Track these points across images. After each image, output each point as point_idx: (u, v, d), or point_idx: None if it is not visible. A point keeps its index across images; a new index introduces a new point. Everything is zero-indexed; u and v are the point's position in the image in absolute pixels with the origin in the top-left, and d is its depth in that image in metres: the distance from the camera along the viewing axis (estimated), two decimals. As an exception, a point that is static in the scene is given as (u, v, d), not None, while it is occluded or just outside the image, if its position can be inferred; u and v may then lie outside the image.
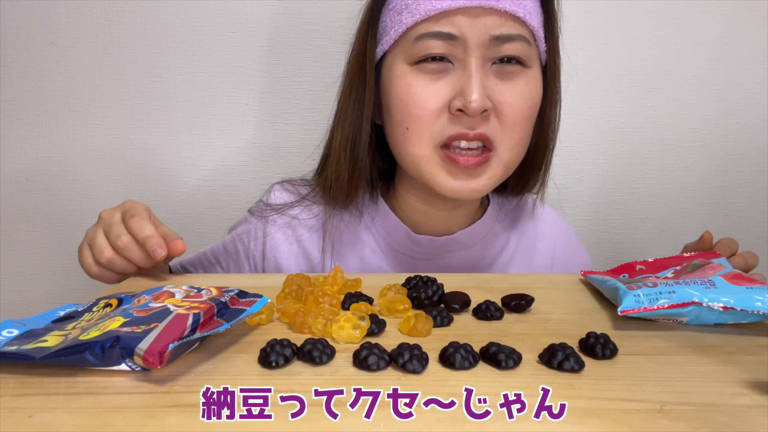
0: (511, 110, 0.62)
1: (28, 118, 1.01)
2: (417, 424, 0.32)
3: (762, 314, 0.46)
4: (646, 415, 0.33)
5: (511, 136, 0.63)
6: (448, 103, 0.61)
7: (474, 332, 0.47)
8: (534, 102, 0.64)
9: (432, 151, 0.63)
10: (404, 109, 0.62)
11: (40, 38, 0.99)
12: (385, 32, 0.65)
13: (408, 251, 0.74)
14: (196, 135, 1.02)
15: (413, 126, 0.62)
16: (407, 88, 0.62)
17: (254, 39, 0.99)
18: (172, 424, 0.32)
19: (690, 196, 1.05)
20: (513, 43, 0.61)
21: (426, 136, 0.62)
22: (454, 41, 0.60)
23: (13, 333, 0.42)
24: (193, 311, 0.42)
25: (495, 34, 0.60)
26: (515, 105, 0.62)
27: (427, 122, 0.62)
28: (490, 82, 0.61)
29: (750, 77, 1.00)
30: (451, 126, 0.61)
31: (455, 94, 0.61)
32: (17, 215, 1.04)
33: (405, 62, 0.63)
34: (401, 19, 0.62)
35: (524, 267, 0.77)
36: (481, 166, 0.63)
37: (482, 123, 0.61)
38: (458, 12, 0.59)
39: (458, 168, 0.62)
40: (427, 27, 0.61)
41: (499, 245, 0.77)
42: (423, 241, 0.73)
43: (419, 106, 0.61)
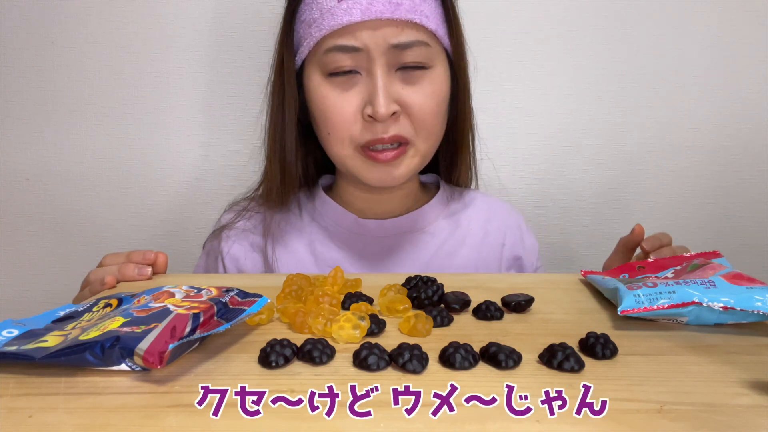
0: (420, 110, 0.67)
1: (28, 118, 1.01)
2: (417, 424, 0.32)
3: (762, 314, 0.46)
4: (646, 415, 0.33)
5: (423, 130, 0.69)
6: (361, 110, 0.67)
7: (474, 332, 0.47)
8: (440, 98, 0.69)
9: (353, 151, 0.69)
10: (323, 117, 0.68)
11: (40, 38, 0.99)
12: (299, 43, 0.69)
13: (356, 237, 0.77)
14: (195, 135, 1.02)
15: (333, 131, 0.68)
16: (323, 99, 0.68)
17: (254, 39, 0.99)
18: (172, 424, 0.32)
19: (690, 196, 1.05)
20: (412, 49, 0.65)
21: (346, 140, 0.68)
22: (358, 53, 0.65)
23: (13, 333, 0.42)
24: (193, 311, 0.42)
25: (394, 43, 0.64)
26: (423, 105, 0.67)
27: (344, 128, 0.67)
28: (396, 87, 0.66)
29: (750, 77, 1.00)
30: (366, 131, 0.67)
31: (365, 101, 0.66)
32: (17, 215, 1.04)
33: (319, 73, 0.68)
34: (311, 32, 0.67)
35: (475, 249, 0.79)
36: (399, 158, 0.69)
37: (394, 124, 0.67)
38: (359, 25, 0.64)
39: (379, 163, 0.68)
40: (332, 41, 0.65)
41: (449, 226, 0.80)
42: (370, 225, 0.76)
43: (335, 114, 0.67)
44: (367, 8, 0.63)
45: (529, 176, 1.03)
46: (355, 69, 0.66)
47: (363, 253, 0.77)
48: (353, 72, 0.66)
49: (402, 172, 0.70)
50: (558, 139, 1.02)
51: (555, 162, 1.03)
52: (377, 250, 0.77)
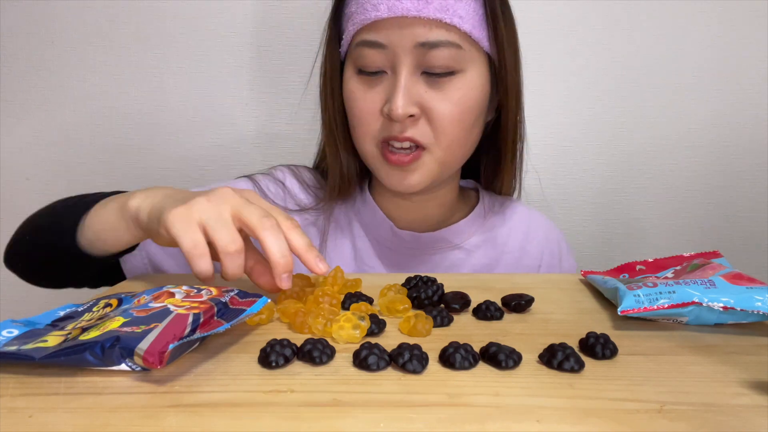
0: (441, 116, 0.64)
1: (28, 118, 1.01)
2: (417, 424, 0.32)
3: (762, 314, 0.46)
4: (646, 415, 0.33)
5: (443, 138, 0.65)
6: (381, 107, 0.65)
7: (474, 332, 0.47)
8: (468, 105, 0.65)
9: (374, 148, 0.68)
10: (351, 111, 0.68)
11: (40, 38, 0.99)
12: (343, 36, 0.69)
13: (392, 246, 0.75)
14: (196, 135, 1.02)
15: (358, 126, 0.68)
16: (350, 94, 0.67)
17: (255, 39, 0.99)
18: (172, 424, 0.32)
19: (690, 196, 1.05)
20: (440, 49, 0.62)
21: (368, 135, 0.67)
22: (383, 49, 0.63)
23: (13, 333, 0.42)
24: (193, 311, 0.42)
25: (421, 41, 0.62)
26: (444, 111, 0.64)
27: (366, 123, 0.67)
28: (419, 89, 0.64)
29: (750, 77, 1.00)
30: (385, 128, 0.66)
31: (387, 100, 0.65)
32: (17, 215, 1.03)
33: (352, 68, 0.67)
34: (348, 27, 0.66)
35: (512, 267, 0.78)
36: (414, 163, 0.66)
37: (411, 126, 0.65)
38: (386, 22, 0.63)
39: (393, 165, 0.66)
40: (362, 36, 0.65)
41: (485, 245, 0.77)
42: (405, 236, 0.74)
43: (359, 109, 0.67)
44: (394, 4, 0.61)
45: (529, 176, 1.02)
46: (381, 68, 0.65)
47: (398, 264, 0.75)
48: (379, 72, 0.65)
49: (417, 179, 0.67)
50: (558, 139, 1.02)
51: (555, 162, 1.03)
52: (411, 263, 0.75)
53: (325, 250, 0.75)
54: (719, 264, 0.53)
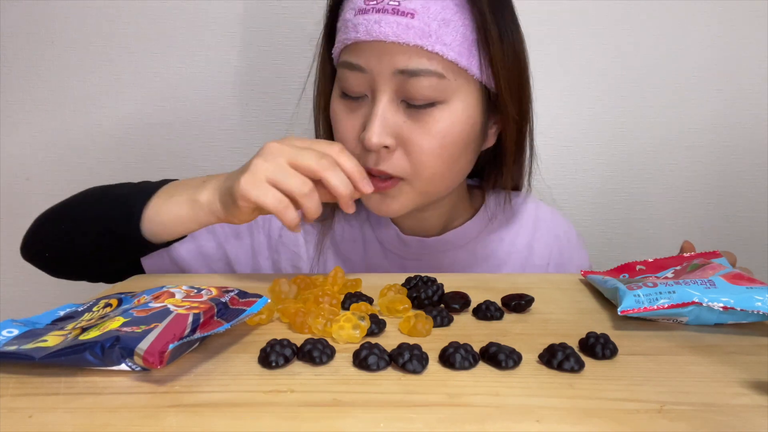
0: (419, 150, 0.60)
1: (28, 118, 1.01)
2: (417, 424, 0.32)
3: (762, 314, 0.46)
4: (646, 415, 0.33)
5: (422, 171, 0.62)
6: (359, 134, 0.62)
7: (474, 332, 0.47)
8: (449, 139, 0.61)
9: None
10: (334, 131, 0.65)
11: (40, 38, 0.99)
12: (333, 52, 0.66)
13: (398, 251, 0.74)
14: (196, 135, 1.02)
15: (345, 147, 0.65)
16: (333, 115, 0.65)
17: (255, 39, 0.99)
18: (172, 424, 0.32)
19: (690, 196, 1.05)
20: (420, 78, 0.58)
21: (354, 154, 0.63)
22: (363, 73, 0.60)
23: (13, 333, 0.42)
24: (193, 311, 0.42)
25: (400, 68, 0.58)
26: (423, 145, 0.60)
27: (351, 146, 0.63)
28: (398, 119, 0.60)
29: (750, 77, 1.00)
30: (362, 157, 0.62)
31: (365, 127, 0.61)
32: (17, 215, 1.04)
33: (337, 88, 0.64)
34: (336, 43, 0.64)
35: (519, 266, 0.77)
36: (392, 190, 0.63)
37: (386, 159, 0.61)
38: (366, 45, 0.59)
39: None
40: (344, 56, 0.62)
41: (491, 246, 0.76)
42: (411, 242, 0.73)
43: (340, 132, 0.64)
44: (372, 27, 0.58)
45: (530, 177, 1.03)
46: (363, 93, 0.61)
47: (406, 268, 0.74)
48: (361, 97, 0.62)
49: (397, 206, 0.64)
50: (558, 139, 1.02)
51: (555, 162, 1.03)
52: (419, 267, 0.74)
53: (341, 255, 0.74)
54: (719, 264, 0.53)
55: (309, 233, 0.75)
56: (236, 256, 0.73)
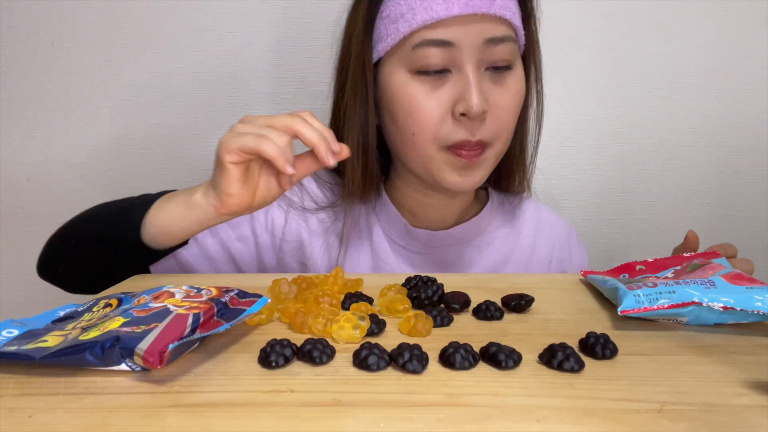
0: (505, 112, 0.66)
1: (28, 118, 1.01)
2: (417, 424, 0.32)
3: (762, 314, 0.46)
4: (646, 415, 0.33)
5: (503, 132, 0.67)
6: (450, 108, 0.64)
7: (474, 332, 0.47)
8: (521, 99, 0.68)
9: (437, 152, 0.66)
10: (409, 116, 0.65)
11: (40, 38, 0.99)
12: (379, 39, 0.66)
13: (405, 244, 0.75)
14: (196, 135, 1.02)
15: (419, 131, 0.65)
16: (410, 99, 0.65)
17: (255, 39, 0.99)
18: (172, 424, 0.32)
19: (690, 196, 1.05)
20: (504, 44, 0.64)
21: (431, 140, 0.66)
22: (450, 47, 0.63)
23: (13, 333, 0.42)
24: (193, 311, 0.42)
25: (488, 37, 0.63)
26: (508, 105, 0.66)
27: (432, 128, 0.65)
28: (485, 85, 0.64)
29: (750, 77, 1.00)
30: (454, 131, 0.65)
31: (456, 99, 0.64)
32: (17, 215, 1.04)
33: (405, 71, 0.65)
34: (397, 28, 0.64)
35: (521, 264, 0.78)
36: (479, 159, 0.67)
37: (480, 125, 0.65)
38: (453, 20, 0.62)
39: (462, 162, 0.66)
40: (423, 35, 0.63)
41: (495, 242, 0.78)
42: (420, 235, 0.74)
43: (424, 113, 0.64)
44: (467, 2, 0.61)
45: (530, 177, 1.03)
46: (445, 67, 0.64)
47: (412, 261, 0.75)
48: (443, 71, 0.64)
49: (481, 175, 0.68)
50: (558, 139, 1.02)
51: (555, 162, 1.03)
52: (425, 261, 0.75)
53: (347, 249, 0.75)
54: (719, 264, 0.53)
55: (313, 230, 0.75)
56: (241, 257, 0.74)
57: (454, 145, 0.65)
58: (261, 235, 0.74)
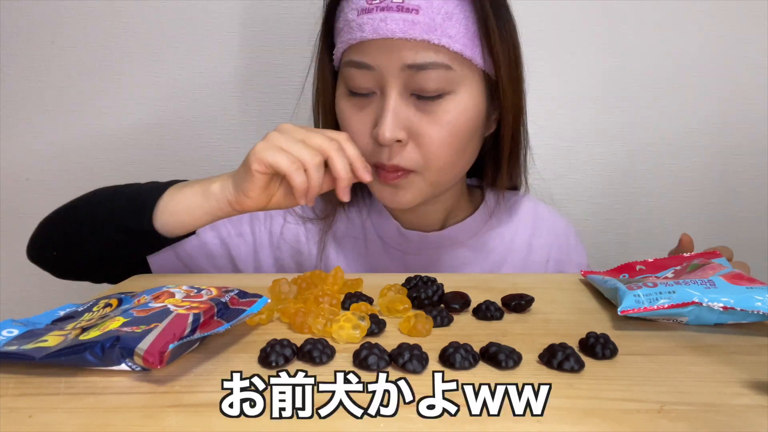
0: (430, 141, 0.62)
1: (28, 118, 1.01)
2: (417, 424, 0.32)
3: (762, 314, 0.46)
4: (646, 415, 0.33)
5: (433, 161, 0.64)
6: (371, 130, 0.64)
7: (474, 332, 0.47)
8: (458, 128, 0.63)
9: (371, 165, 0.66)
10: (345, 131, 0.65)
11: (40, 38, 0.99)
12: (334, 52, 0.67)
13: (399, 246, 0.75)
14: (197, 135, 1.02)
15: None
16: (342, 114, 0.66)
17: (255, 39, 0.99)
18: (172, 424, 0.32)
19: (690, 196, 1.05)
20: (428, 71, 0.60)
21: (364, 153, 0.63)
22: (371, 71, 0.62)
23: (13, 333, 0.42)
24: (193, 311, 0.42)
25: (408, 63, 0.60)
26: (434, 136, 0.62)
27: (362, 144, 0.64)
28: (409, 112, 0.62)
29: (750, 77, 1.00)
30: (375, 152, 0.64)
31: (376, 122, 0.63)
32: (17, 215, 1.04)
33: (343, 86, 0.66)
34: (337, 43, 0.65)
35: (518, 265, 0.77)
36: (402, 180, 0.64)
37: (398, 152, 0.63)
38: (373, 43, 0.61)
39: (383, 182, 0.65)
40: (350, 56, 0.63)
41: (491, 242, 0.77)
42: (412, 236, 0.74)
43: (352, 131, 0.64)
44: (379, 26, 0.59)
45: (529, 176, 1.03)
46: (371, 90, 0.63)
47: (406, 263, 0.75)
48: (369, 94, 0.63)
49: (408, 197, 0.66)
50: (558, 139, 1.02)
51: (555, 162, 1.03)
52: (419, 263, 0.75)
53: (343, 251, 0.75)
54: (719, 264, 0.53)
55: (310, 230, 0.76)
56: (239, 253, 0.74)
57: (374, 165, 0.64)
58: (259, 232, 0.75)
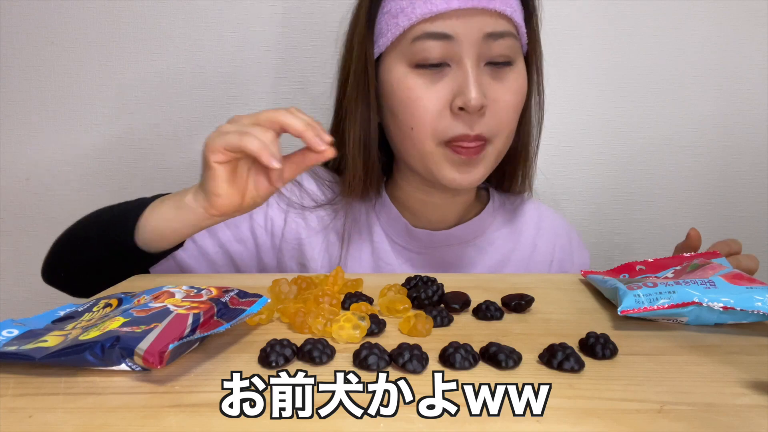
0: (504, 107, 0.66)
1: (28, 118, 1.01)
2: (417, 424, 0.32)
3: (762, 314, 0.46)
4: (646, 415, 0.33)
5: (503, 128, 0.67)
6: (449, 102, 0.64)
7: (474, 332, 0.47)
8: (522, 96, 0.68)
9: (436, 148, 0.66)
10: (408, 110, 0.65)
11: (40, 38, 0.99)
12: (380, 35, 0.67)
13: (406, 244, 0.75)
14: (196, 135, 1.02)
15: (418, 126, 0.65)
16: (409, 92, 0.65)
17: (255, 39, 0.99)
18: (172, 424, 0.32)
19: (690, 196, 1.05)
20: (504, 40, 0.64)
21: (430, 135, 0.65)
22: (449, 41, 0.63)
23: (13, 333, 0.42)
24: (193, 311, 0.42)
25: (488, 32, 0.63)
26: (508, 102, 0.66)
27: (430, 122, 0.65)
28: (484, 80, 0.64)
29: (750, 77, 1.00)
30: (453, 125, 0.64)
31: (455, 93, 0.63)
32: (17, 215, 1.04)
33: (404, 65, 0.65)
34: (397, 22, 0.64)
35: (522, 264, 0.78)
36: (479, 156, 0.66)
37: (479, 120, 0.64)
38: (454, 13, 0.63)
39: (461, 159, 0.65)
40: (423, 28, 0.63)
41: (496, 242, 0.78)
42: (421, 235, 0.74)
43: (422, 107, 0.64)
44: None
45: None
46: (444, 61, 0.64)
47: (413, 261, 0.76)
48: (442, 65, 0.64)
49: (481, 172, 0.67)
50: (558, 139, 1.02)
51: (555, 162, 1.03)
52: (426, 261, 0.75)
53: (348, 248, 0.75)
54: (719, 264, 0.53)
55: (312, 228, 0.75)
56: (241, 258, 0.74)
57: (452, 140, 0.65)
58: (260, 236, 0.74)
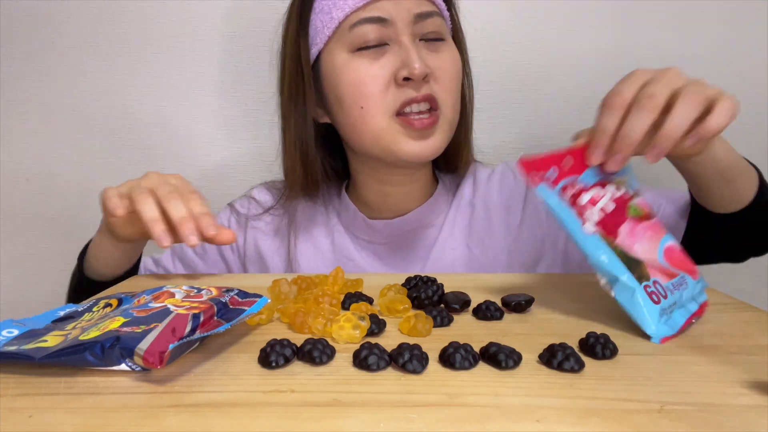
0: (446, 74, 0.70)
1: (28, 118, 1.01)
2: (417, 424, 0.32)
3: None
4: (646, 415, 0.33)
5: (449, 96, 0.70)
6: (393, 75, 0.67)
7: (474, 332, 0.47)
8: (458, 66, 0.72)
9: (390, 121, 0.68)
10: (356, 90, 0.68)
11: (40, 38, 0.99)
12: (317, 33, 0.70)
13: (369, 237, 0.78)
14: (196, 136, 1.02)
15: (367, 103, 0.68)
16: (354, 72, 0.68)
17: (255, 40, 0.99)
18: (172, 424, 0.32)
19: (690, 196, 1.05)
20: (432, 19, 0.69)
21: (381, 108, 0.68)
22: (384, 23, 0.67)
23: (13, 333, 0.42)
24: (193, 311, 0.42)
25: (417, 12, 0.68)
26: (448, 69, 0.70)
27: (379, 96, 0.67)
28: (423, 53, 0.68)
29: (750, 77, 1.00)
30: (401, 92, 0.67)
31: (398, 67, 0.67)
32: (17, 215, 1.04)
33: (345, 51, 0.69)
34: (332, 16, 0.68)
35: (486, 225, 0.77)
36: (433, 126, 0.68)
37: (425, 86, 0.68)
38: (383, 3, 0.67)
39: (415, 130, 0.68)
40: (358, 16, 0.67)
41: (450, 215, 0.79)
42: (378, 225, 0.77)
43: (369, 83, 0.67)
44: None
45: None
46: (382, 41, 0.67)
47: (378, 253, 0.78)
48: (381, 45, 0.68)
49: (438, 141, 0.69)
50: (558, 139, 1.02)
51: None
52: (390, 251, 0.78)
53: (297, 245, 0.78)
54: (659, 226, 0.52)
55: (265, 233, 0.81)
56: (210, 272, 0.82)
57: (402, 107, 0.67)
58: (228, 257, 0.82)
